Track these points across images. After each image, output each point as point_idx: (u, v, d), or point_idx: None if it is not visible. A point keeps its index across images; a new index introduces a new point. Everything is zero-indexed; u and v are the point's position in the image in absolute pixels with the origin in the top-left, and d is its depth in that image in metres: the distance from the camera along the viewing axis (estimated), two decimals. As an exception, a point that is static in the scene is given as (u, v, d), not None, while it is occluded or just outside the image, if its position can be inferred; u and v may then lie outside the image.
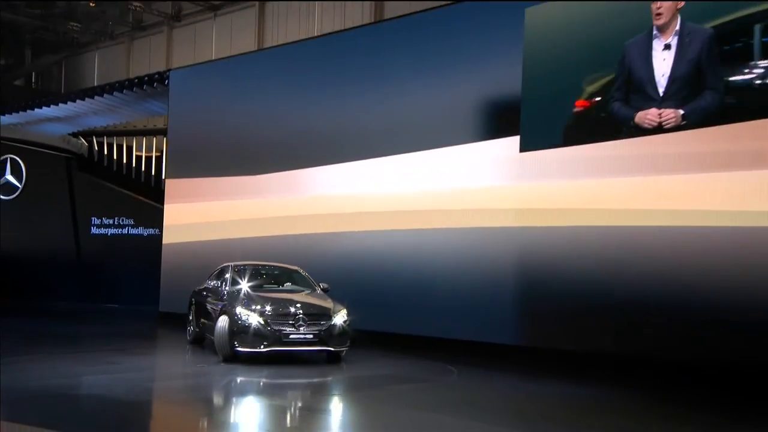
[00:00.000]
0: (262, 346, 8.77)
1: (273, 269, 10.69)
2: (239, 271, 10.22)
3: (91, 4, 26.69)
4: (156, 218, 18.14)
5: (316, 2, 22.63)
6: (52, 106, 17.44)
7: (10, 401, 6.90)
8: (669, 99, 8.81)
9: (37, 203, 19.94)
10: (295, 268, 10.65)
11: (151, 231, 18.44)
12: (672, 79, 8.80)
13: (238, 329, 8.84)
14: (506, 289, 10.14)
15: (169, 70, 15.88)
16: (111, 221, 19.04)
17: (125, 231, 18.84)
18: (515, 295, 10.13)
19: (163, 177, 19.39)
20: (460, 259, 10.65)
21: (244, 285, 9.82)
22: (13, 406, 6.59)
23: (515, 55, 10.19)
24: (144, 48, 29.28)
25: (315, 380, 8.48)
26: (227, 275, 10.17)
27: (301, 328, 8.78)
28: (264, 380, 8.29)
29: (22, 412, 6.37)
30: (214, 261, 11.70)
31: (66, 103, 17.21)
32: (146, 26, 28.86)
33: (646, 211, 8.93)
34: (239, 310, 8.97)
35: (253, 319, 8.82)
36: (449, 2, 11.80)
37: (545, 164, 9.90)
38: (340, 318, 9.12)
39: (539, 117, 10.03)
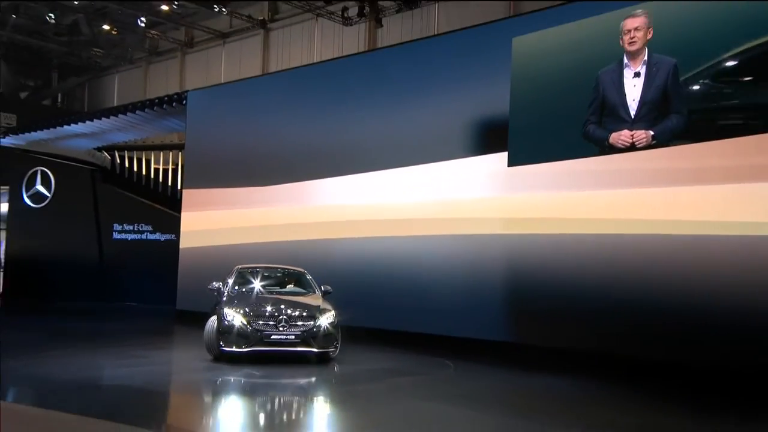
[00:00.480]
0: (244, 346, 8.28)
1: (278, 271, 10.25)
2: (242, 273, 9.80)
3: (113, 32, 26.56)
4: (172, 225, 18.03)
5: (316, 31, 22.72)
6: (80, 123, 17.26)
7: (53, 391, 6.82)
8: (639, 121, 8.86)
9: (64, 211, 19.74)
10: (301, 270, 10.22)
11: (167, 236, 18.29)
12: (642, 103, 8.86)
13: (223, 329, 8.37)
14: (496, 290, 10.14)
15: (186, 91, 15.76)
16: (131, 227, 18.87)
17: (144, 236, 18.67)
18: (504, 296, 10.12)
19: (179, 187, 19.30)
20: (454, 262, 10.64)
21: (243, 286, 9.42)
22: (57, 395, 6.49)
23: (503, 78, 10.26)
24: (160, 71, 29.21)
25: (314, 375, 8.23)
26: (231, 277, 9.76)
27: (283, 329, 8.26)
28: (262, 378, 8.01)
29: (66, 401, 6.26)
30: (227, 263, 11.58)
31: (93, 120, 17.05)
32: (162, 52, 28.83)
33: (622, 220, 8.98)
34: (226, 310, 8.50)
35: (237, 320, 8.34)
36: (443, 33, 11.81)
37: (530, 178, 9.93)
38: (325, 319, 8.52)
39: (525, 135, 10.08)
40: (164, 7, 23.92)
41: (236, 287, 9.37)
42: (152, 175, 20.01)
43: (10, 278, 20.01)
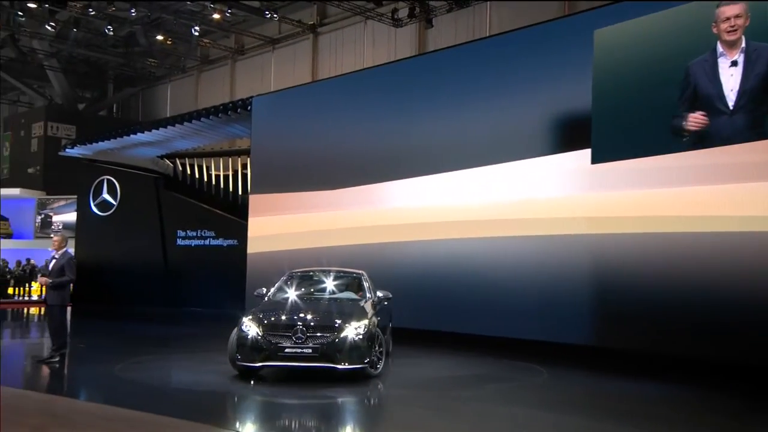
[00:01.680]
0: (257, 361, 7.23)
1: (330, 274, 9.15)
2: (291, 277, 8.96)
3: (167, 42, 27.02)
4: (234, 230, 18.15)
5: (365, 33, 22.60)
6: (145, 132, 17.53)
7: (161, 396, 6.83)
8: (739, 111, 8.39)
9: (130, 219, 20.09)
10: (358, 273, 9.21)
11: (230, 242, 18.42)
12: (741, 93, 8.38)
13: (240, 341, 7.38)
14: (579, 292, 9.75)
15: (251, 97, 15.79)
16: (194, 233, 19.06)
17: (207, 242, 18.83)
18: (588, 298, 9.73)
19: (240, 193, 19.44)
20: (534, 264, 10.29)
21: (285, 291, 8.55)
22: (165, 400, 6.48)
23: (585, 72, 9.85)
24: (211, 79, 29.59)
25: (398, 381, 7.98)
26: (278, 282, 8.89)
27: (299, 341, 7.12)
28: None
29: (176, 406, 6.22)
30: (294, 267, 11.45)
31: (158, 129, 17.29)
32: (213, 60, 29.20)
33: (715, 217, 8.48)
34: (243, 319, 7.53)
35: (252, 331, 7.30)
36: (518, 28, 11.48)
37: (616, 175, 9.52)
38: (351, 331, 7.21)
39: (610, 130, 9.66)
40: (216, 16, 24.22)
41: (278, 293, 8.55)
42: (213, 182, 20.20)
43: (79, 284, 20.41)
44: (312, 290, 8.82)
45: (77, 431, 5.38)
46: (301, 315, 7.46)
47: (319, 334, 7.18)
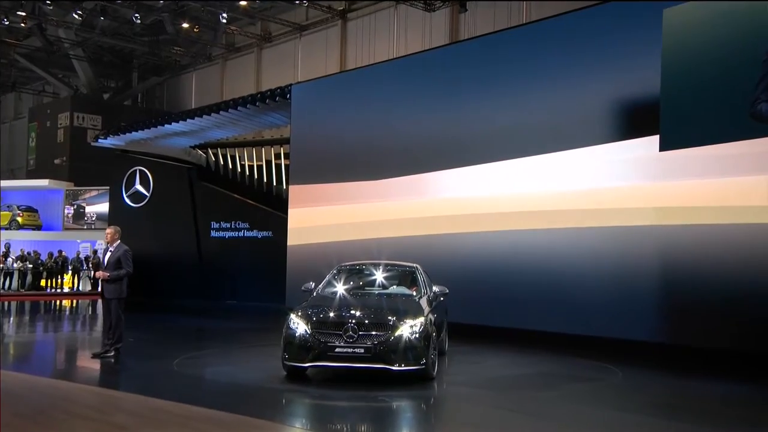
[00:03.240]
0: (306, 360, 6.92)
1: (382, 268, 8.73)
2: (340, 271, 8.62)
3: (195, 30, 26.97)
4: (269, 222, 18.10)
5: (396, 18, 22.29)
6: (180, 121, 17.46)
7: (229, 393, 6.73)
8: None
9: (163, 210, 20.12)
10: (412, 266, 8.82)
11: (265, 233, 18.37)
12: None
13: (287, 338, 7.05)
14: (648, 286, 9.47)
15: (290, 84, 15.64)
16: (228, 225, 19.03)
17: (241, 234, 18.79)
18: (657, 293, 9.45)
19: (273, 184, 19.36)
20: (598, 257, 10.02)
21: (334, 286, 8.18)
22: (234, 398, 6.39)
23: (653, 55, 9.47)
24: (236, 67, 29.52)
25: (465, 379, 7.77)
26: (327, 277, 8.54)
27: (350, 340, 6.77)
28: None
29: (250, 404, 6.13)
30: (337, 260, 11.33)
31: (194, 118, 17.21)
32: (239, 47, 29.10)
33: None
34: (292, 316, 7.19)
35: (300, 328, 6.97)
36: (583, 7, 11.09)
37: (686, 163, 9.21)
38: (407, 329, 6.83)
39: (679, 116, 9.32)
40: (243, 2, 24.08)
41: (327, 288, 8.20)
42: (247, 172, 20.13)
43: (112, 277, 20.53)
44: (363, 285, 8.47)
45: (161, 430, 5.30)
46: (352, 312, 7.09)
47: (372, 333, 6.79)
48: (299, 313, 7.17)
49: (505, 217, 11.18)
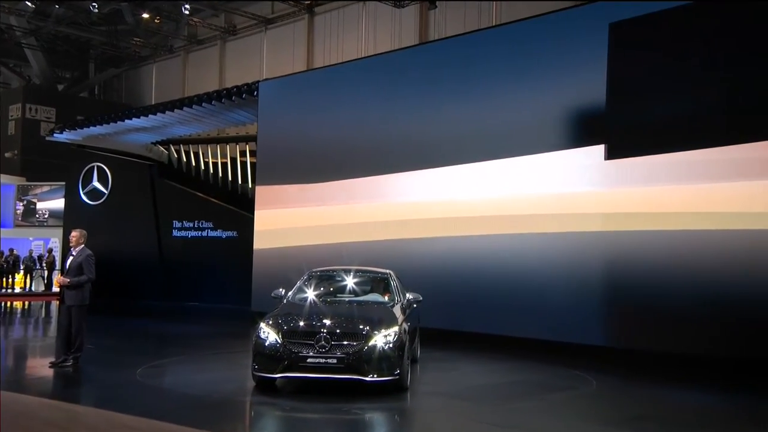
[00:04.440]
0: (277, 371, 6.76)
1: (354, 274, 8.58)
2: (311, 277, 8.44)
3: (156, 20, 26.32)
4: (233, 221, 17.80)
5: (364, 14, 22.14)
6: (141, 117, 17.00)
7: (195, 405, 6.54)
8: None
9: (122, 208, 19.59)
10: (385, 273, 8.68)
11: (229, 233, 18.07)
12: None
13: (257, 348, 6.89)
14: (595, 290, 9.75)
15: (257, 81, 15.37)
16: (191, 224, 18.65)
17: (205, 234, 18.44)
18: (603, 297, 9.72)
19: (238, 182, 19.05)
20: (548, 261, 10.22)
21: (305, 293, 8.02)
22: (203, 410, 6.23)
23: (600, 68, 9.80)
24: (199, 60, 28.92)
25: (445, 389, 7.73)
26: (296, 283, 8.35)
27: (323, 350, 6.63)
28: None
29: (218, 418, 5.97)
30: (305, 262, 11.14)
31: (156, 114, 16.78)
32: (202, 40, 28.51)
33: (731, 214, 8.44)
34: (261, 324, 7.00)
35: (271, 337, 6.81)
36: (534, 15, 11.31)
37: (630, 171, 9.51)
38: (380, 339, 6.70)
39: (624, 127, 9.63)
40: (207, -8, 23.61)
41: (298, 294, 8.02)
42: (211, 170, 19.75)
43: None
44: (335, 292, 8.33)
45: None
46: (324, 321, 6.95)
47: (344, 343, 6.66)
48: (269, 322, 7.01)
49: (476, 221, 11.21)
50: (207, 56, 28.46)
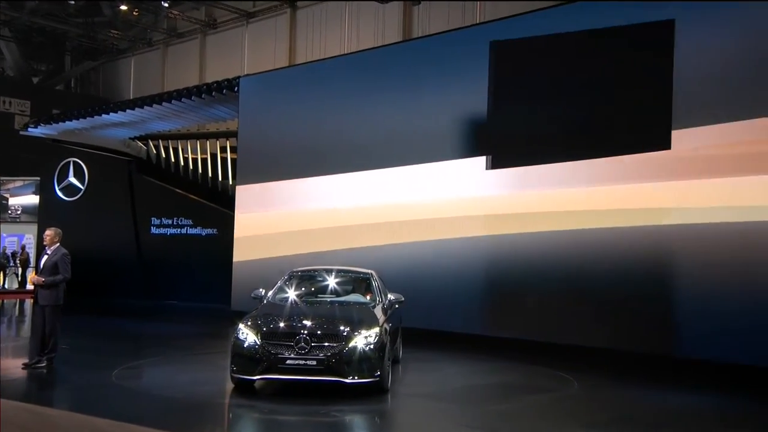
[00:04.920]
0: (255, 373, 6.70)
1: (336, 274, 8.55)
2: (292, 277, 8.40)
3: (134, 13, 25.94)
4: (213, 219, 17.62)
5: (347, 9, 22.00)
6: (119, 111, 16.73)
7: (173, 408, 6.44)
8: None
9: (99, 204, 19.30)
10: (368, 272, 8.66)
11: (209, 231, 17.90)
12: None
13: (236, 349, 6.85)
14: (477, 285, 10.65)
15: (238, 76, 15.19)
16: (170, 221, 18.43)
17: (184, 231, 18.24)
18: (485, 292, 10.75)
19: (219, 179, 18.84)
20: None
21: (286, 293, 8.00)
22: (181, 413, 6.14)
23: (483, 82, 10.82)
24: (178, 54, 28.56)
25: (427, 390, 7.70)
26: (277, 283, 8.32)
27: (302, 352, 6.59)
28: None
29: (196, 421, 5.87)
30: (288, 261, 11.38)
31: (134, 109, 16.52)
32: (181, 33, 28.15)
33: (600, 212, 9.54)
34: (240, 325, 6.97)
35: (249, 339, 6.76)
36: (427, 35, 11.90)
37: (509, 180, 10.55)
38: (361, 340, 6.69)
39: (503, 140, 10.76)
40: (186, -15, 23.31)
41: (278, 294, 7.98)
42: (191, 166, 19.51)
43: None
44: (316, 292, 8.29)
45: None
46: (304, 322, 6.90)
47: (325, 344, 6.62)
48: (248, 323, 6.96)
49: (460, 220, 11.21)
50: (187, 50, 28.11)
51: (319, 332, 6.72)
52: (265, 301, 7.88)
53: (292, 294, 8.02)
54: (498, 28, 11.06)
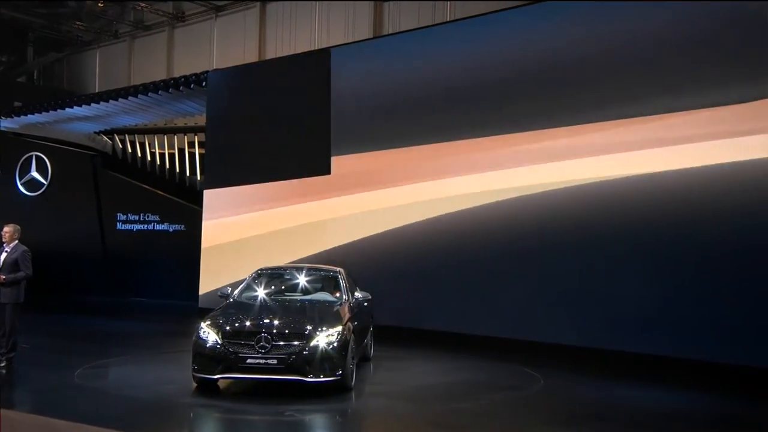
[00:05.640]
0: (216, 372, 6.72)
1: (304, 272, 8.60)
2: (259, 276, 8.44)
3: (99, 4, 25.36)
4: (181, 214, 17.37)
5: (317, 5, 21.85)
6: (83, 105, 16.35)
7: (134, 409, 6.34)
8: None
9: (63, 199, 18.84)
10: (336, 270, 8.68)
11: (176, 227, 17.62)
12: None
13: (197, 348, 6.85)
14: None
15: (206, 71, 14.98)
16: (136, 217, 18.09)
17: (151, 227, 17.92)
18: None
19: (186, 174, 18.58)
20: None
21: (252, 291, 8.04)
22: (142, 414, 6.04)
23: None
24: (146, 47, 28.01)
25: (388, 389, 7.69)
26: (246, 280, 8.37)
27: (263, 351, 6.58)
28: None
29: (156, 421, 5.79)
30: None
31: (99, 103, 16.17)
32: (148, 26, 27.62)
33: None
34: (202, 324, 6.97)
35: (211, 338, 6.77)
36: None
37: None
38: (323, 339, 6.70)
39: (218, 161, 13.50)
40: (154, -23, 22.87)
41: (245, 293, 8.02)
42: (158, 161, 19.20)
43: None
44: (282, 290, 8.29)
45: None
46: (266, 321, 6.92)
47: (285, 343, 6.63)
48: (210, 322, 6.98)
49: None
50: (154, 42, 27.58)
51: (280, 331, 6.73)
52: (231, 300, 7.86)
53: (258, 292, 8.06)
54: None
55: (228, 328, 6.84)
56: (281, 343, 6.64)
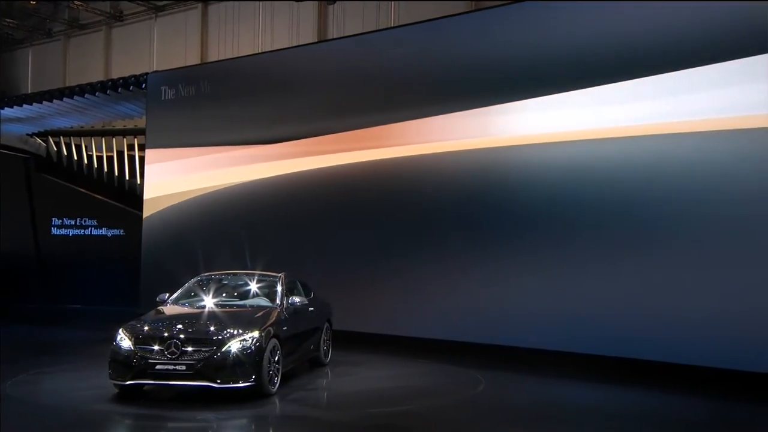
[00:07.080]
0: (128, 378, 6.77)
1: (241, 278, 8.69)
2: (197, 282, 8.47)
3: (31, 2, 24.37)
4: (120, 219, 16.94)
5: (261, 7, 21.63)
6: (15, 107, 15.69)
7: (60, 418, 6.19)
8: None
9: (-8, 204, 18.00)
10: (277, 276, 8.54)
11: (115, 231, 17.15)
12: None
13: (112, 354, 6.92)
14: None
15: (146, 73, 14.63)
16: (73, 222, 17.50)
17: (88, 232, 17.37)
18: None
19: (125, 177, 18.08)
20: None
21: (182, 299, 8.07)
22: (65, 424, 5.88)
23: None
24: (82, 46, 27.08)
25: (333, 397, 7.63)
26: (185, 286, 8.40)
27: (173, 356, 6.62)
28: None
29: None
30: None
31: (32, 104, 15.54)
32: (85, 25, 26.72)
33: None
34: (120, 330, 7.03)
35: (125, 343, 6.83)
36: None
37: None
38: (235, 344, 6.69)
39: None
40: (88, -27, 22.16)
41: (180, 299, 8.07)
42: (95, 164, 18.60)
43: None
44: (217, 296, 8.20)
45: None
46: (180, 326, 6.97)
47: (194, 349, 6.66)
48: (127, 328, 7.08)
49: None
50: (91, 42, 26.66)
51: (189, 337, 6.80)
52: (166, 305, 7.96)
53: (192, 298, 8.10)
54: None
55: (141, 334, 6.90)
56: (190, 348, 6.69)
